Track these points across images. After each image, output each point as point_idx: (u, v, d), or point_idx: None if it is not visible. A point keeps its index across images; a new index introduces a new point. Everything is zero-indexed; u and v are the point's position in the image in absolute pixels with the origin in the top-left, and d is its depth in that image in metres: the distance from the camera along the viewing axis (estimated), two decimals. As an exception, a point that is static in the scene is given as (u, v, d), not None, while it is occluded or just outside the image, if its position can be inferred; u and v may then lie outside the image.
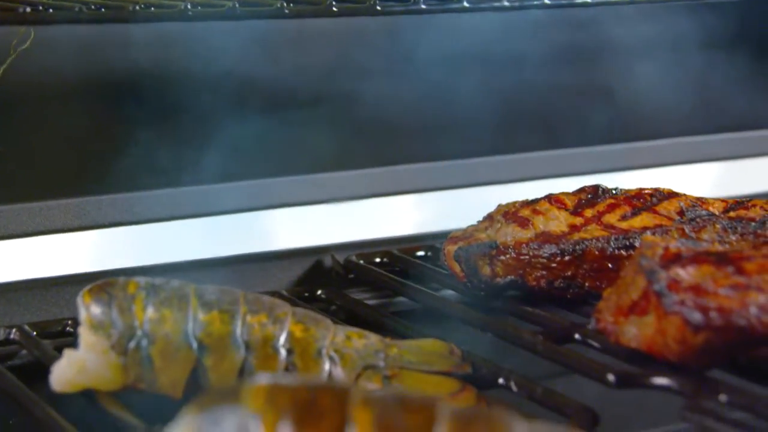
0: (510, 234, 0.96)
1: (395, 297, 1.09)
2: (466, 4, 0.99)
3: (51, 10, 0.85)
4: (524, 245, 0.95)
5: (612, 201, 0.99)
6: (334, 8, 0.94)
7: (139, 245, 1.06)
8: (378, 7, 0.96)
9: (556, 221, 0.97)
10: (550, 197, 1.00)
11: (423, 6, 0.97)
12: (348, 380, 0.81)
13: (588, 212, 0.98)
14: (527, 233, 0.96)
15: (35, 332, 0.94)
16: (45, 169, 1.04)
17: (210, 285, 0.83)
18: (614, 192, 1.01)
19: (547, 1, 1.03)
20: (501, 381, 0.84)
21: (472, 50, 1.24)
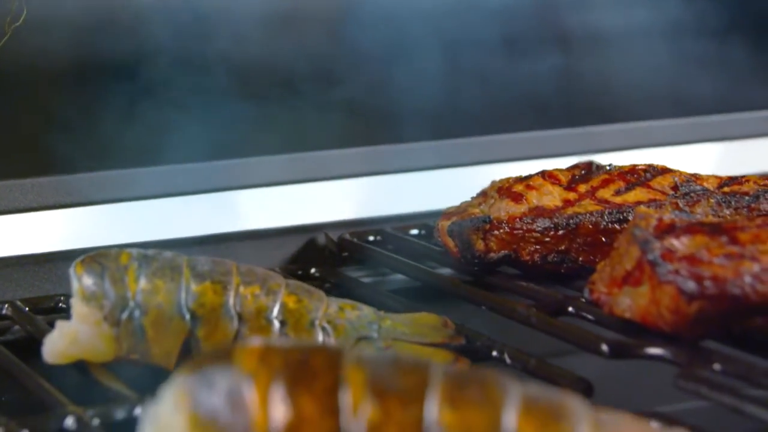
0: (504, 209, 0.96)
1: (389, 275, 1.09)
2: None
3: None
4: (518, 219, 0.94)
5: (606, 176, 0.99)
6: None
7: (132, 222, 1.05)
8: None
9: (550, 196, 0.97)
10: (544, 173, 1.00)
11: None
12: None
13: (582, 187, 0.98)
14: (521, 208, 0.96)
15: (27, 308, 0.93)
16: (37, 146, 1.04)
17: (203, 257, 0.83)
18: (608, 168, 1.01)
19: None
20: (495, 354, 0.84)
21: (466, 33, 1.24)
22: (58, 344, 0.80)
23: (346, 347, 0.70)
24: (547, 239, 0.94)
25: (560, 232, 0.94)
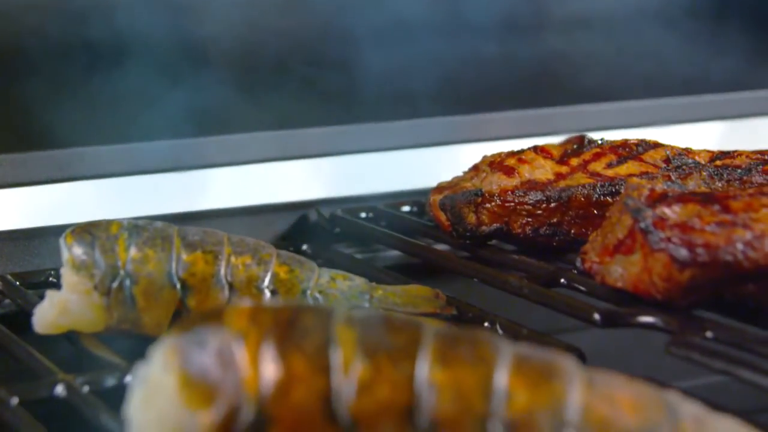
0: (495, 182, 0.95)
1: (382, 251, 1.09)
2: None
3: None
4: (509, 192, 0.94)
5: (598, 150, 0.99)
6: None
7: (123, 197, 1.05)
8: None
9: (542, 170, 0.96)
10: (536, 147, 0.99)
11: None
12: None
13: (574, 161, 0.97)
14: (513, 181, 0.95)
15: (18, 282, 0.93)
16: (27, 121, 1.03)
17: (193, 227, 0.82)
18: (600, 142, 1.00)
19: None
20: (486, 324, 0.84)
21: (460, 13, 1.24)
22: (49, 314, 0.79)
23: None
24: (539, 212, 0.94)
25: (552, 205, 0.93)
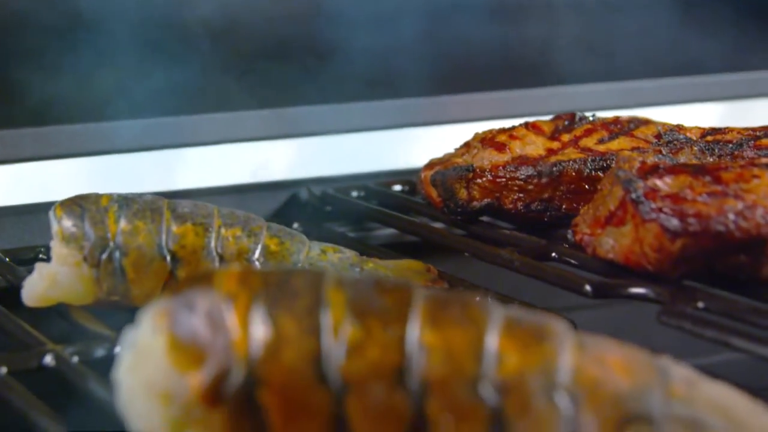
0: (487, 158, 0.95)
1: (373, 229, 1.09)
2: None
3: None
4: (501, 168, 0.94)
5: (589, 126, 0.99)
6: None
7: (113, 174, 1.04)
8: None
9: (533, 146, 0.96)
10: (527, 124, 0.99)
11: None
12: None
13: (565, 137, 0.97)
14: (504, 157, 0.95)
15: (8, 259, 0.93)
16: (16, 98, 1.03)
17: (184, 200, 0.82)
18: (591, 118, 1.00)
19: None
20: (478, 298, 0.83)
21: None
22: (38, 286, 0.79)
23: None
24: (531, 187, 0.93)
25: (543, 180, 0.93)
